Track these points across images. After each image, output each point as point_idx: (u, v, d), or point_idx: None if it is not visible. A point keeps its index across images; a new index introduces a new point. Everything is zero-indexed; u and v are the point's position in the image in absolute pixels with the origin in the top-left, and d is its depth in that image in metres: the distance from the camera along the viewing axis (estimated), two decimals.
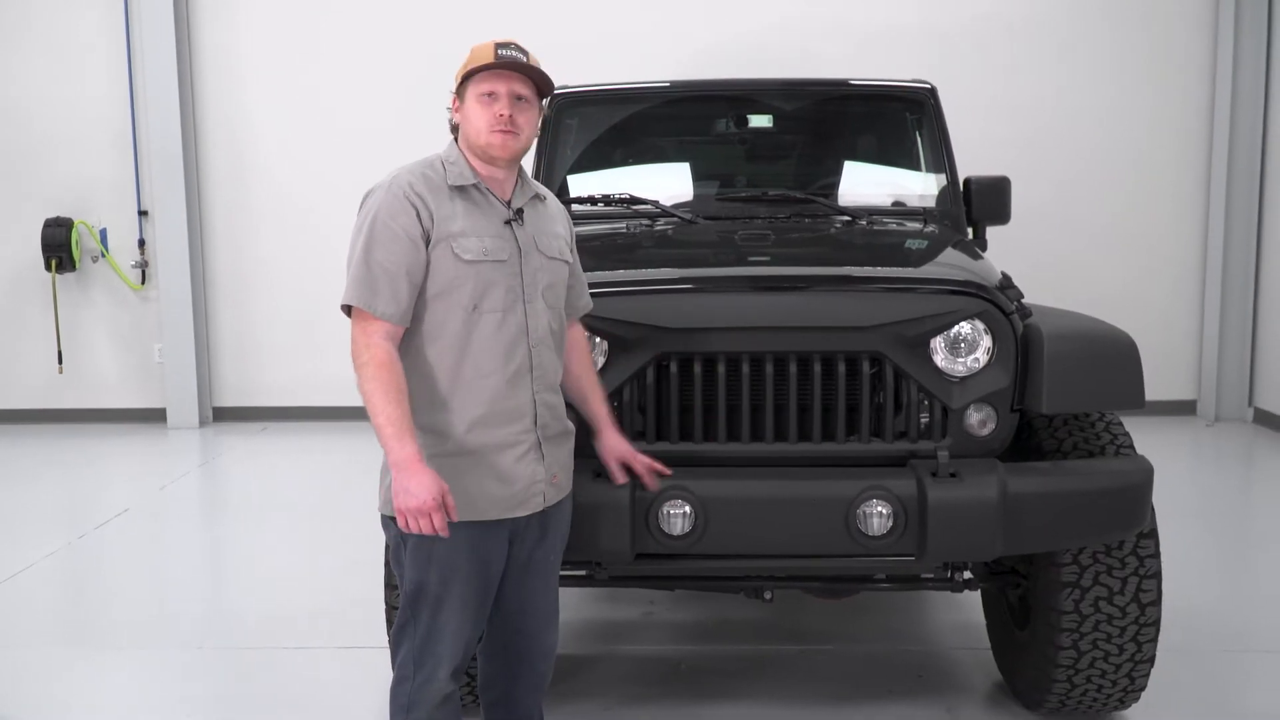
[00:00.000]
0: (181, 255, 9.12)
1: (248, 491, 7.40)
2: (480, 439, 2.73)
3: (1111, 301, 8.11)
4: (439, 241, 2.70)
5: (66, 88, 9.21)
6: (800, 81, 4.99)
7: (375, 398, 2.61)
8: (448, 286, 2.71)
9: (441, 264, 2.71)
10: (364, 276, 2.66)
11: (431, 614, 2.76)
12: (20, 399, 9.47)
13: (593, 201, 4.49)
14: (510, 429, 2.78)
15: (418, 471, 2.58)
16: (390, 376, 2.62)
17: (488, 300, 2.74)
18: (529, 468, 2.81)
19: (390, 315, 2.66)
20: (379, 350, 2.64)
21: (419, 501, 2.57)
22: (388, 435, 2.60)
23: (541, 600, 3.00)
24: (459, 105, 2.83)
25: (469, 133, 2.81)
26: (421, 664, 2.79)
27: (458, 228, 2.73)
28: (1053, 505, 3.13)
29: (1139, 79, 8.96)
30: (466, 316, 2.72)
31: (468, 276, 2.72)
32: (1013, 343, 3.26)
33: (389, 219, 2.68)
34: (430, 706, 2.81)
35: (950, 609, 4.76)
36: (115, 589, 5.44)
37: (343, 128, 9.11)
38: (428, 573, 2.74)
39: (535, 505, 2.84)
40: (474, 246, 2.73)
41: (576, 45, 8.72)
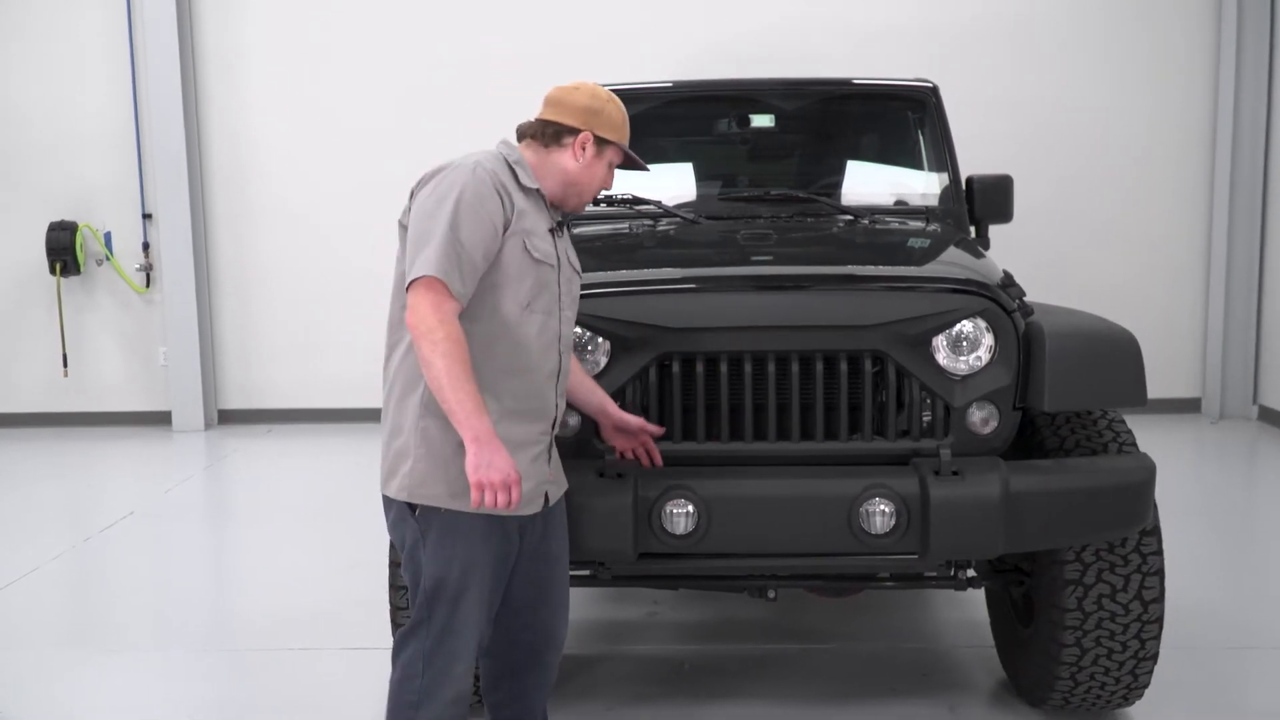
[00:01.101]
0: (186, 258, 9.14)
1: (253, 494, 7.41)
2: (507, 432, 2.73)
3: (1114, 299, 8.13)
4: (514, 234, 2.73)
5: (69, 91, 9.23)
6: (802, 81, 5.00)
7: (450, 373, 2.56)
8: (509, 279, 2.73)
9: (511, 256, 2.73)
10: (450, 252, 2.62)
11: (450, 610, 2.76)
12: (25, 402, 9.50)
13: (595, 201, 4.49)
14: (534, 427, 2.82)
15: (498, 446, 2.59)
16: (464, 353, 2.59)
17: (539, 300, 2.79)
18: (540, 468, 2.85)
19: (463, 295, 2.65)
20: (453, 326, 2.60)
21: (503, 474, 2.57)
22: (467, 410, 2.56)
23: (554, 591, 3.02)
24: (593, 153, 2.87)
25: (582, 180, 2.88)
26: (433, 661, 2.78)
27: (529, 225, 2.78)
28: (1055, 503, 3.13)
29: (1141, 75, 8.95)
30: (519, 312, 2.76)
31: (530, 273, 2.76)
32: (1014, 341, 3.26)
33: (477, 201, 2.67)
34: (443, 704, 2.80)
35: (953, 607, 4.76)
36: (120, 591, 5.45)
37: (345, 130, 9.13)
38: (450, 567, 2.74)
39: (538, 505, 2.87)
40: (541, 246, 2.79)
41: (577, 45, 8.76)
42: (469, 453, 2.58)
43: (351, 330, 9.16)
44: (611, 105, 2.90)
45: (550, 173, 2.87)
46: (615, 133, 2.90)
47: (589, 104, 2.87)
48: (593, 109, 2.86)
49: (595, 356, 3.30)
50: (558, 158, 2.87)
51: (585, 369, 3.29)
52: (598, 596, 4.99)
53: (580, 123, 2.86)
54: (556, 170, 2.87)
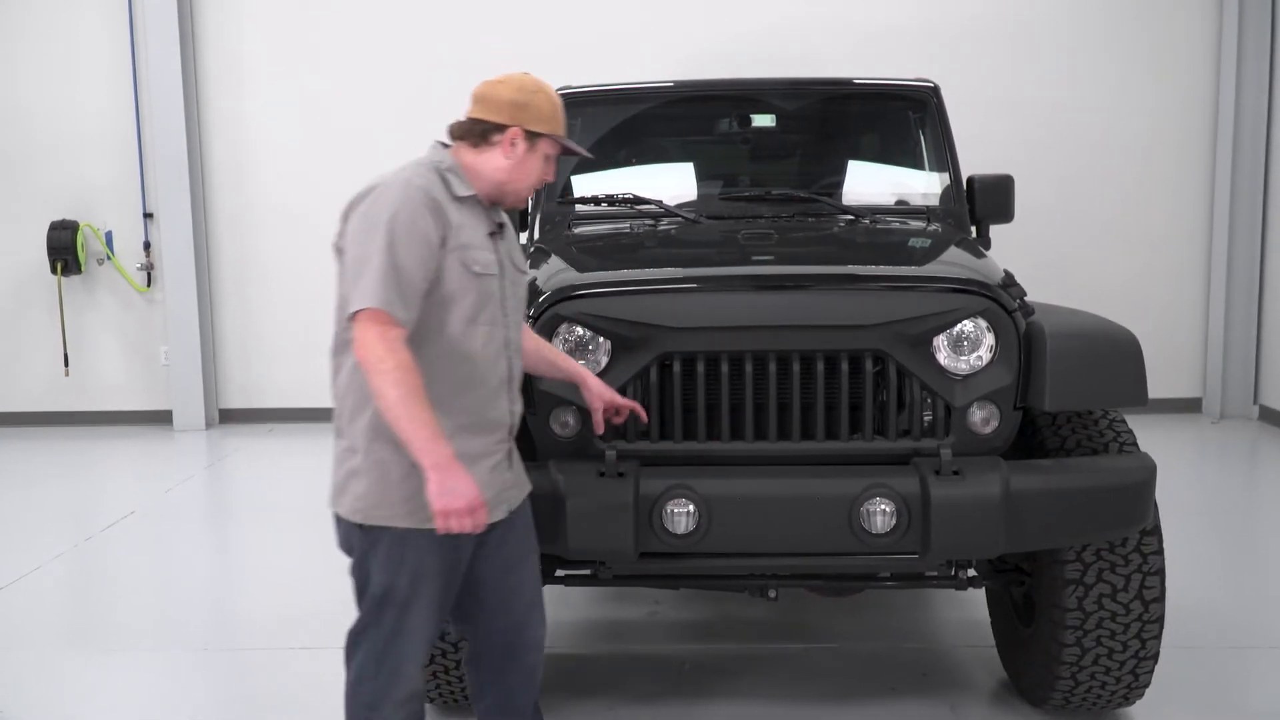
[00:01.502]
0: (187, 257, 9.14)
1: (254, 493, 7.41)
2: (461, 447, 2.69)
3: (1115, 299, 8.14)
4: (452, 250, 2.66)
5: (71, 91, 9.24)
6: (803, 81, 5.00)
7: (404, 403, 2.52)
8: (451, 296, 2.68)
9: (451, 272, 2.66)
10: (389, 279, 2.56)
11: (399, 615, 2.74)
12: (26, 402, 9.51)
13: (596, 201, 4.51)
14: (489, 438, 2.78)
15: (460, 472, 2.56)
16: (416, 381, 2.54)
17: (485, 312, 2.73)
18: (500, 475, 2.82)
19: (408, 321, 2.59)
20: (402, 354, 2.55)
21: (468, 501, 2.55)
22: (424, 438, 2.53)
23: (524, 592, 2.98)
24: (524, 148, 2.77)
25: (516, 176, 2.79)
26: (384, 663, 2.77)
27: (466, 239, 2.70)
28: (1055, 503, 3.13)
29: (1141, 75, 8.95)
30: (465, 327, 2.70)
31: (472, 288, 2.70)
32: (1015, 340, 3.27)
33: (410, 222, 2.60)
34: (396, 703, 2.80)
35: (954, 607, 4.77)
36: (121, 591, 5.46)
37: (345, 130, 9.13)
38: (399, 576, 2.71)
39: (502, 513, 2.84)
40: (481, 259, 2.72)
41: (577, 45, 8.76)
42: (430, 480, 2.55)
43: None
44: (540, 95, 2.78)
45: (483, 173, 2.78)
46: (545, 124, 2.78)
47: (514, 97, 2.75)
48: (518, 102, 2.75)
49: (596, 356, 3.31)
50: (489, 156, 2.78)
51: (587, 367, 3.28)
52: (598, 596, 4.99)
53: (507, 118, 2.75)
54: (489, 169, 2.78)
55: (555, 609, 4.69)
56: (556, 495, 3.11)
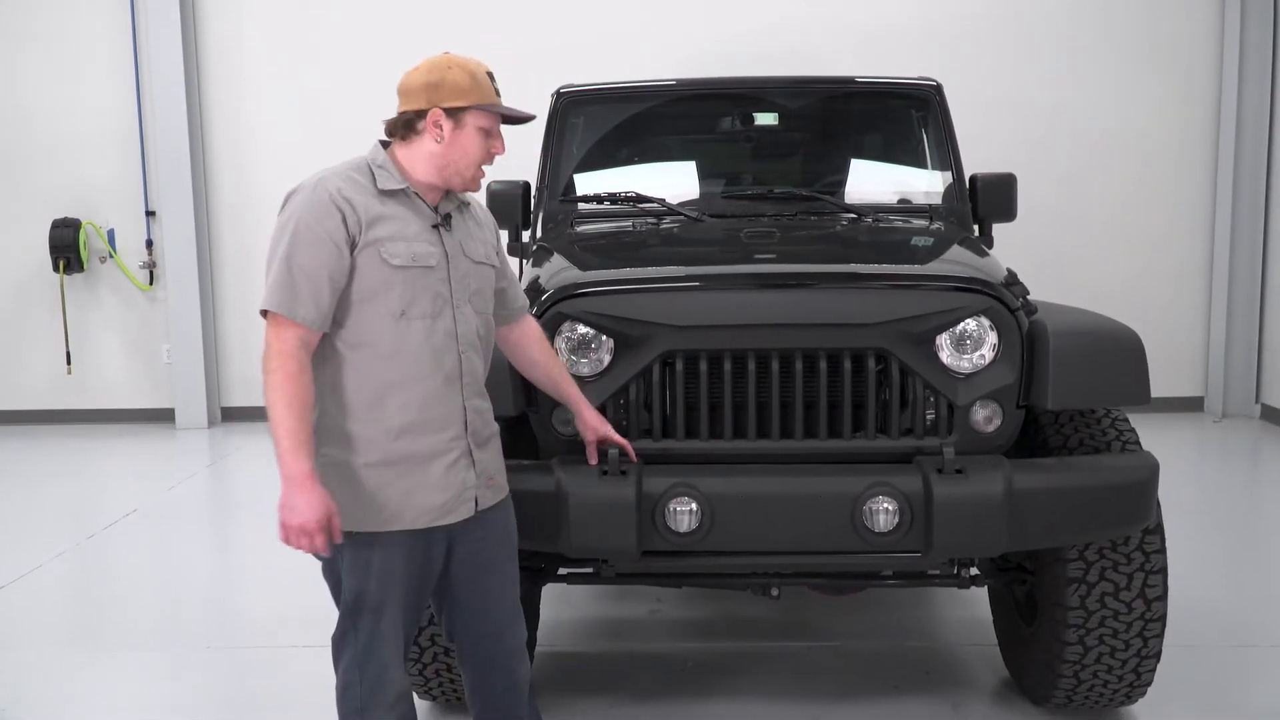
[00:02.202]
0: (189, 255, 9.15)
1: (256, 492, 7.39)
2: (409, 447, 2.68)
3: (1117, 298, 8.13)
4: (366, 246, 2.62)
5: (73, 89, 9.25)
6: (806, 79, 5.00)
7: (278, 409, 2.52)
8: (374, 291, 2.64)
9: (368, 268, 2.62)
10: (285, 281, 2.56)
11: (374, 620, 2.73)
12: (29, 400, 9.52)
13: (598, 200, 4.51)
14: (440, 436, 2.73)
15: (310, 490, 2.53)
16: (296, 390, 2.54)
17: (416, 306, 2.68)
18: (459, 474, 2.77)
19: (310, 321, 2.57)
20: (290, 361, 2.55)
21: (302, 520, 2.52)
22: (285, 448, 2.53)
23: (500, 599, 2.95)
24: (450, 128, 2.71)
25: (451, 158, 2.73)
26: (366, 669, 2.76)
27: (385, 232, 2.65)
28: (1058, 501, 3.13)
29: (1143, 74, 8.95)
30: (394, 322, 2.66)
31: (395, 281, 2.64)
32: (1018, 339, 3.26)
33: (313, 222, 2.59)
34: (385, 705, 2.79)
35: (956, 605, 4.77)
36: (124, 589, 5.46)
37: (347, 129, 9.04)
38: (367, 580, 2.70)
39: (467, 511, 2.80)
40: (402, 251, 2.66)
41: (576, 45, 8.76)
42: (281, 491, 2.55)
43: None
44: (454, 71, 2.71)
45: (419, 162, 2.74)
46: (464, 97, 2.70)
47: (427, 79, 2.71)
48: (431, 83, 2.70)
49: (599, 354, 3.31)
50: (419, 145, 2.73)
51: (589, 366, 3.29)
52: (599, 594, 4.99)
53: (424, 102, 2.71)
54: (423, 157, 2.73)
55: (556, 607, 4.72)
56: (559, 493, 3.11)
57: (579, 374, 3.29)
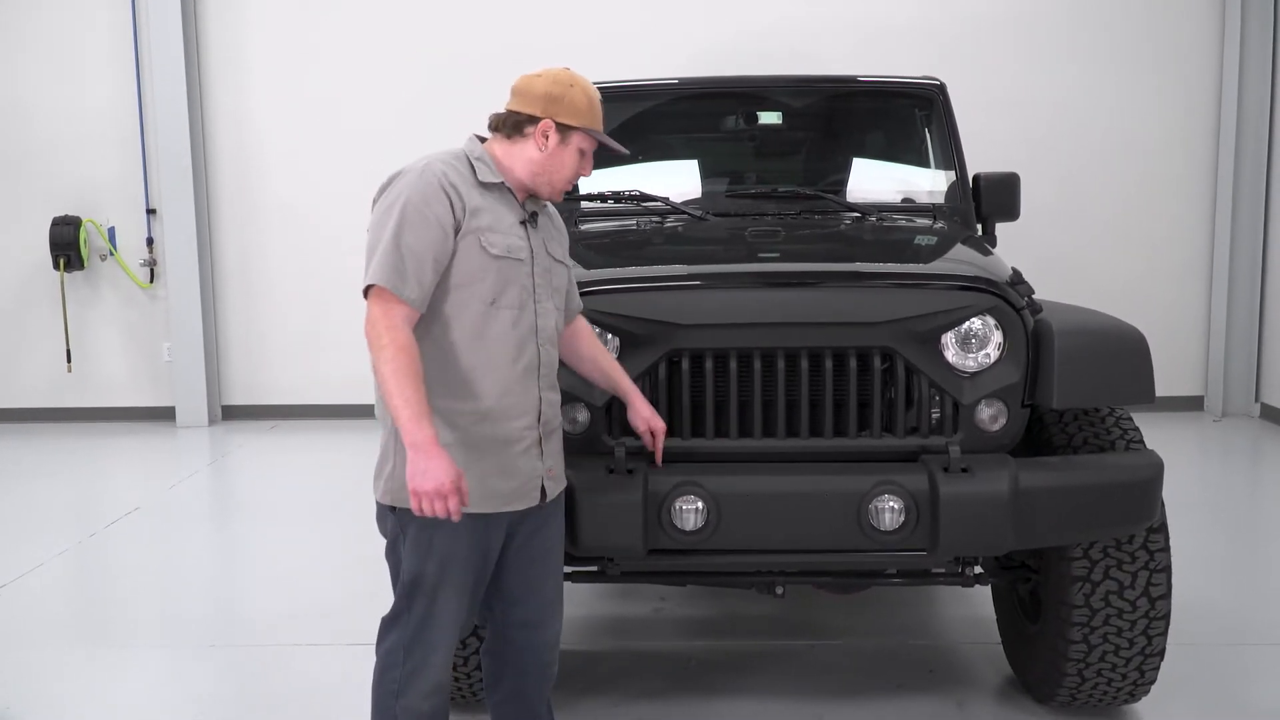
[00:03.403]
0: (190, 254, 9.14)
1: (257, 490, 7.42)
2: (488, 431, 2.75)
3: (1118, 297, 8.13)
4: (468, 233, 2.71)
5: (74, 86, 9.24)
6: (810, 78, 5.01)
7: (395, 380, 2.57)
8: (470, 278, 2.73)
9: (467, 255, 2.72)
10: (393, 259, 2.63)
11: (428, 603, 2.78)
12: (29, 398, 9.51)
13: (603, 198, 4.51)
14: (516, 424, 2.80)
15: (436, 454, 2.56)
16: (410, 361, 2.60)
17: (506, 296, 2.77)
18: (530, 463, 2.84)
19: (415, 300, 2.65)
20: (400, 334, 2.61)
21: (436, 483, 2.55)
22: (406, 417, 2.56)
23: (545, 588, 3.01)
24: (556, 141, 2.81)
25: (548, 168, 2.83)
26: (412, 651, 2.81)
27: (485, 222, 2.75)
28: (1064, 500, 3.14)
29: (1144, 74, 8.95)
30: (484, 310, 2.75)
31: (490, 270, 2.74)
32: (1024, 338, 3.27)
33: (422, 204, 2.67)
34: (421, 694, 2.82)
35: (959, 604, 4.77)
36: (125, 588, 5.46)
37: (349, 127, 9.13)
38: (427, 562, 2.75)
39: (534, 499, 2.87)
40: (499, 242, 2.76)
41: (578, 45, 8.75)
42: (409, 460, 2.57)
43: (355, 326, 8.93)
44: (575, 90, 2.81)
45: (517, 163, 2.83)
46: (579, 118, 2.81)
47: (549, 90, 2.80)
48: (553, 95, 2.79)
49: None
50: (522, 148, 2.83)
51: None
52: (603, 593, 5.00)
53: (540, 110, 2.80)
54: (523, 160, 2.83)
55: None
56: (566, 491, 3.11)
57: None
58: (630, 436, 3.29)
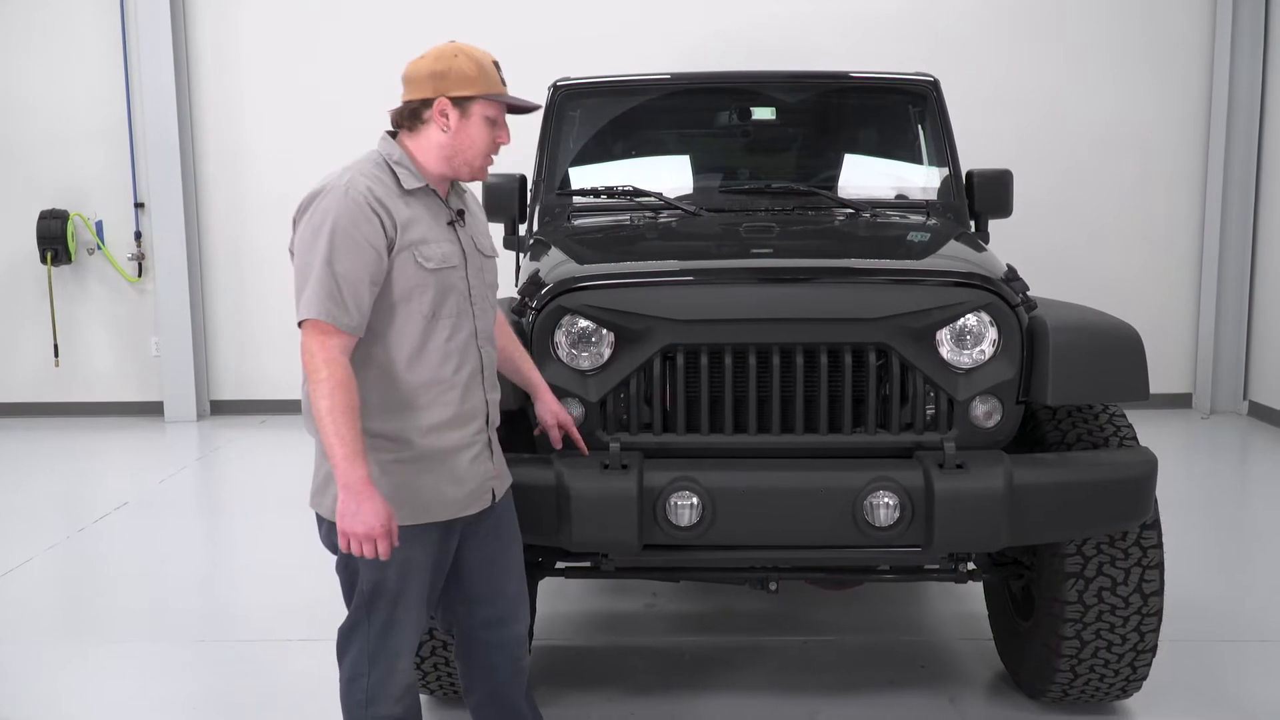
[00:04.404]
0: (178, 248, 9.09)
1: (247, 485, 7.39)
2: (438, 443, 2.71)
3: (1108, 295, 8.13)
4: (402, 249, 2.62)
5: (61, 79, 9.17)
6: (803, 74, 5.01)
7: (331, 418, 2.50)
8: (407, 294, 2.65)
9: (403, 271, 2.63)
10: (327, 287, 2.54)
11: (389, 611, 2.75)
12: (16, 392, 9.44)
13: (595, 194, 4.50)
14: (465, 431, 2.76)
15: (369, 496, 2.51)
16: (346, 397, 2.52)
17: (445, 306, 2.70)
18: (481, 466, 2.81)
19: (353, 326, 2.57)
20: (338, 368, 2.53)
21: (367, 528, 2.51)
22: (341, 456, 2.50)
23: (507, 586, 2.98)
24: (456, 117, 2.70)
25: (459, 148, 2.72)
26: (377, 660, 2.78)
27: (418, 234, 2.66)
28: (1059, 496, 3.14)
29: (1136, 71, 8.96)
30: (425, 324, 2.67)
31: (429, 284, 2.66)
32: (1018, 335, 3.27)
33: (350, 227, 2.57)
34: (392, 699, 2.81)
35: (951, 600, 4.78)
36: (114, 583, 5.43)
37: (338, 121, 9.08)
38: (386, 570, 2.70)
39: (485, 502, 2.85)
40: (434, 254, 2.68)
41: (569, 40, 8.73)
42: (340, 499, 2.52)
43: None
44: (460, 59, 2.68)
45: (429, 154, 2.73)
46: (471, 85, 2.68)
47: (433, 68, 2.69)
48: (438, 71, 2.68)
49: (599, 348, 3.30)
50: (427, 135, 2.72)
51: (590, 359, 3.28)
52: (595, 588, 4.99)
53: (430, 91, 2.68)
54: (432, 148, 2.72)
55: (552, 601, 4.72)
56: (560, 488, 3.11)
57: (579, 368, 3.30)
58: (624, 432, 3.28)
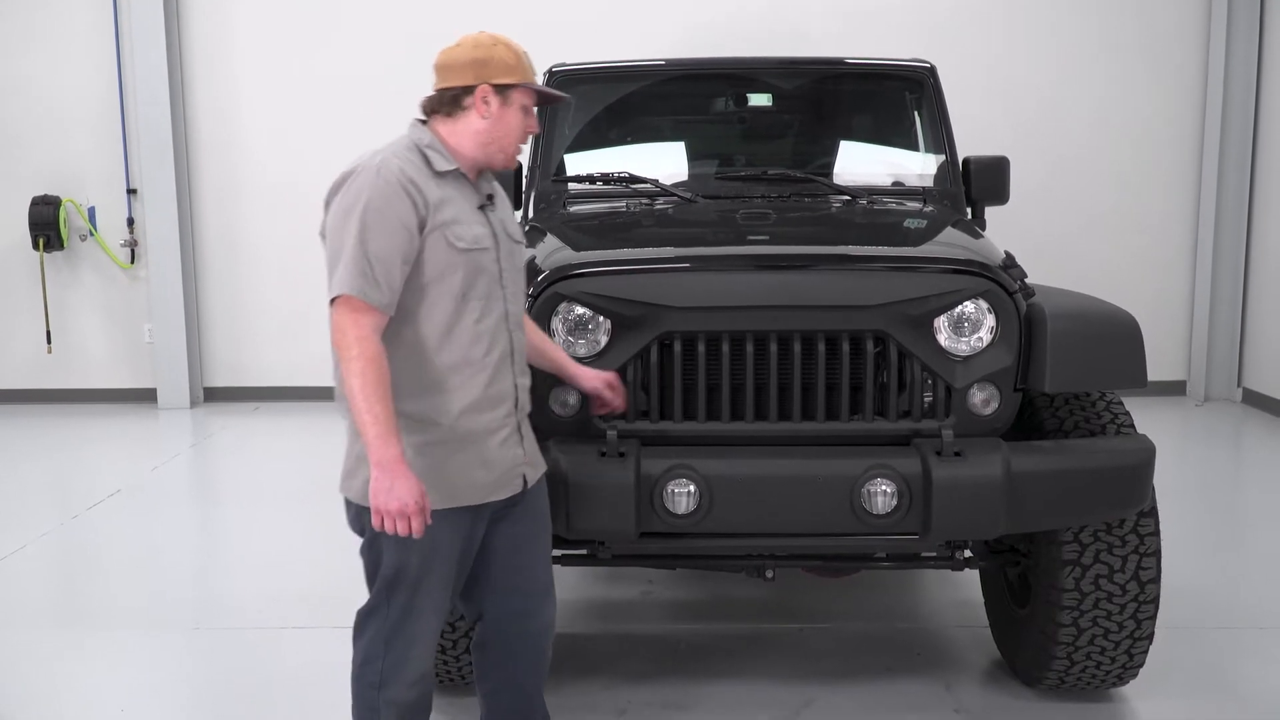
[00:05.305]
0: (171, 234, 9.04)
1: (240, 472, 7.38)
2: (468, 425, 2.71)
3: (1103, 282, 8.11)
4: (434, 229, 2.64)
5: (54, 63, 9.11)
6: (800, 60, 4.98)
7: (364, 395, 2.51)
8: (439, 274, 2.66)
9: (435, 251, 2.65)
10: (360, 266, 2.56)
11: (409, 595, 2.74)
12: (9, 379, 9.40)
13: (591, 180, 4.48)
14: (494, 414, 2.77)
15: (402, 474, 2.52)
16: (379, 374, 2.53)
17: (476, 288, 2.71)
18: (510, 451, 2.81)
19: (385, 304, 2.59)
20: (369, 345, 2.55)
21: (401, 504, 2.51)
22: (374, 434, 2.51)
23: (535, 575, 2.98)
24: (498, 104, 2.73)
25: (497, 135, 2.75)
26: (393, 644, 2.77)
27: (449, 215, 2.68)
28: (1056, 484, 3.14)
29: (1132, 59, 8.95)
30: (455, 305, 2.69)
31: (460, 264, 2.68)
32: (1016, 322, 3.26)
33: (384, 206, 2.59)
34: (405, 684, 2.80)
35: (947, 587, 4.79)
36: (108, 570, 5.41)
37: (334, 106, 9.04)
38: (410, 555, 2.70)
39: (516, 487, 2.84)
40: (466, 234, 2.69)
41: (565, 24, 8.67)
42: (372, 477, 2.53)
43: None
44: (499, 48, 2.73)
45: (465, 140, 2.76)
46: (511, 74, 2.73)
47: (473, 55, 2.72)
48: (478, 59, 2.72)
49: (596, 335, 3.29)
50: (466, 122, 2.75)
51: (586, 347, 3.27)
52: (591, 576, 4.99)
53: (472, 78, 2.72)
54: (469, 135, 2.75)
55: None
56: (558, 475, 3.09)
57: (576, 355, 3.28)
58: (621, 420, 3.27)
